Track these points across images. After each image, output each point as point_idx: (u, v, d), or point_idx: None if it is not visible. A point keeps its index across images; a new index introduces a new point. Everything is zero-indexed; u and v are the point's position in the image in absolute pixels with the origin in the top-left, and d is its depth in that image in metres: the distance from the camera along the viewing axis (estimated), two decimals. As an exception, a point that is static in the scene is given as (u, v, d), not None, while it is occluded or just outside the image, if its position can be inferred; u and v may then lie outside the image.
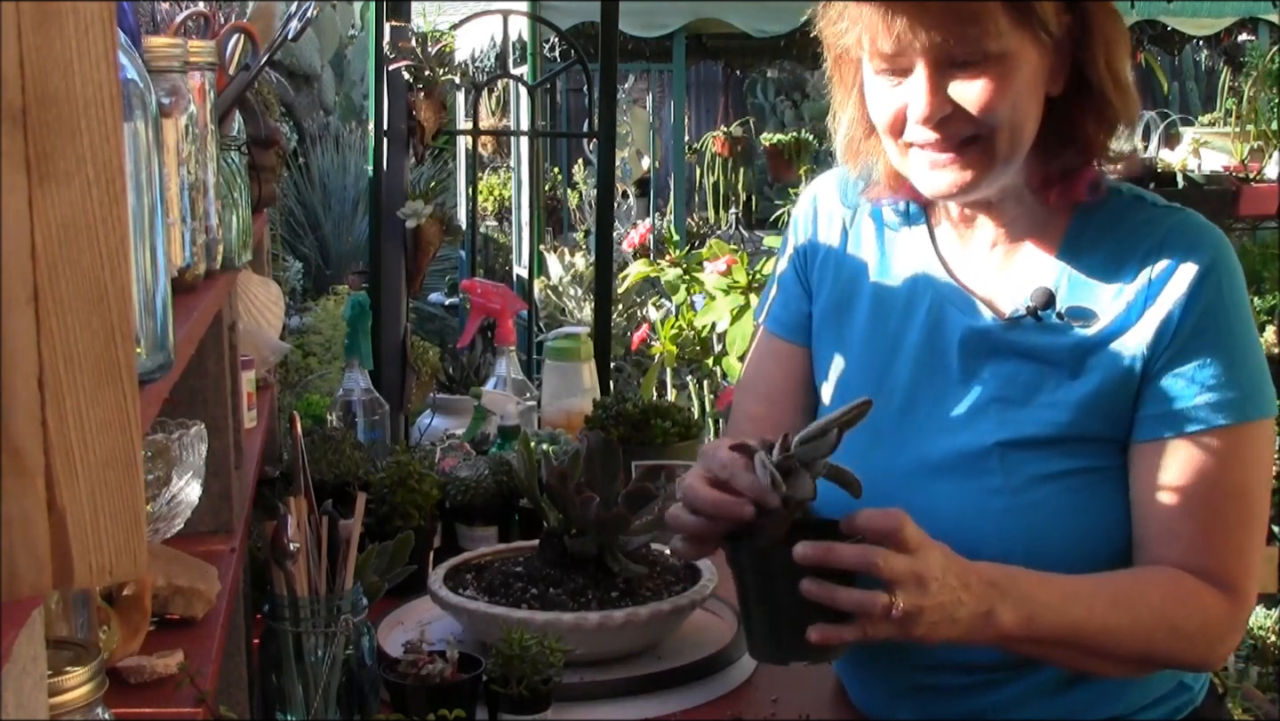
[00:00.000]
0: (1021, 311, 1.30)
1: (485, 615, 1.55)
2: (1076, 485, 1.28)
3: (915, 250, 1.41)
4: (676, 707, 1.50)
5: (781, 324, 1.50)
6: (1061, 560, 1.24)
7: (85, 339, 0.49)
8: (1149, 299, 1.26)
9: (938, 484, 1.31)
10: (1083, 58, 1.26)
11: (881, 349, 1.39)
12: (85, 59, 0.48)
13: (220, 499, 1.45)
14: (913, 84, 1.24)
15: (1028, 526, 1.27)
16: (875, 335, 1.40)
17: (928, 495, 1.30)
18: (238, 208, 1.37)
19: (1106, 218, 1.32)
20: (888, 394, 1.36)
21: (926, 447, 1.33)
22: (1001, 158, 1.25)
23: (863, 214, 1.46)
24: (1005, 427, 1.29)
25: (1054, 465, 1.28)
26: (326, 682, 1.30)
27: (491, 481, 1.98)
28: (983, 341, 1.32)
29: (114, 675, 1.07)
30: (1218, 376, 1.24)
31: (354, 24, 9.87)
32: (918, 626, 1.13)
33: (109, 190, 0.49)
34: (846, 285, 1.44)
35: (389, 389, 2.80)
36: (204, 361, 1.41)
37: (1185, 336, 1.24)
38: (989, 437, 1.29)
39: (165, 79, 1.03)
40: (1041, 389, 1.29)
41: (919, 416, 1.34)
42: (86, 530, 0.49)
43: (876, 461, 1.32)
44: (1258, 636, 3.65)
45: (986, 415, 1.31)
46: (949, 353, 1.34)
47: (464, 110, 6.52)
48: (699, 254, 4.19)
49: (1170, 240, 1.27)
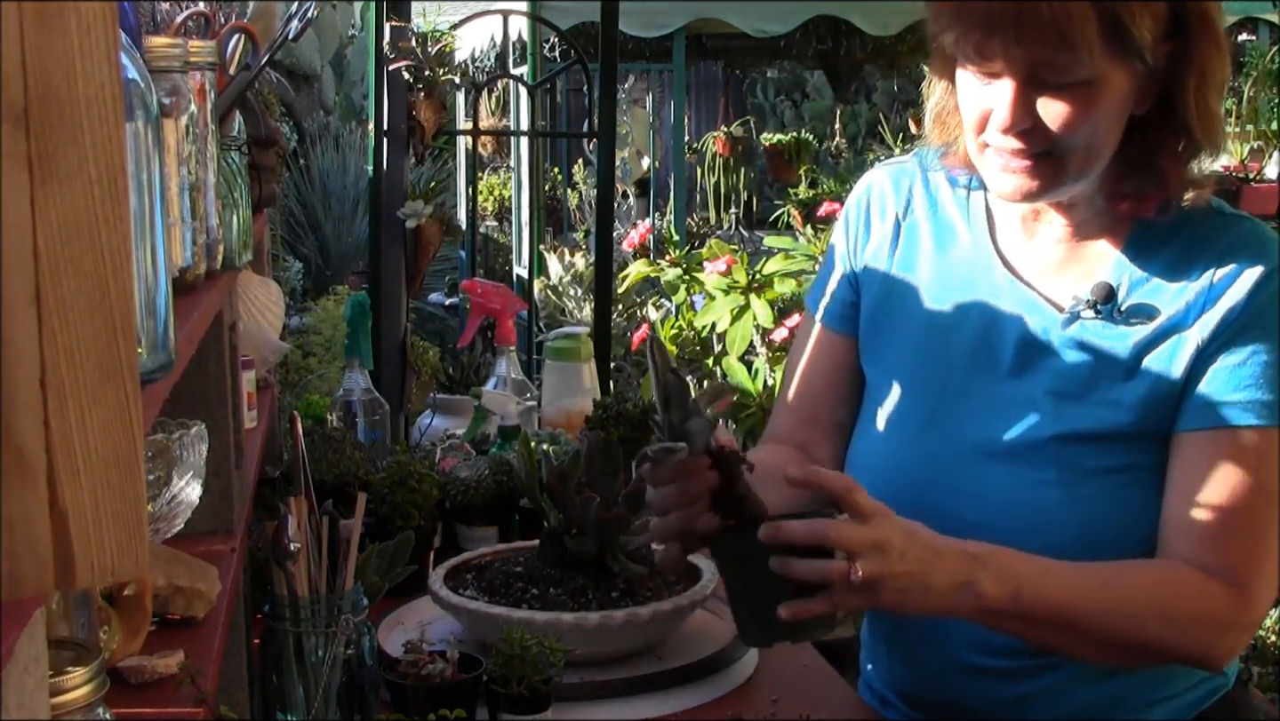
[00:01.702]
0: (1081, 306, 1.32)
1: (485, 615, 1.55)
2: (1130, 480, 1.29)
3: (972, 240, 1.42)
4: (676, 707, 1.50)
5: (830, 313, 1.52)
6: (1112, 554, 1.26)
7: (87, 339, 0.49)
8: (1209, 301, 1.27)
9: (991, 470, 1.33)
10: (1174, 85, 1.25)
11: (936, 340, 1.40)
12: (87, 59, 0.48)
13: (220, 499, 1.45)
14: (999, 91, 1.24)
15: (1081, 519, 1.28)
16: (930, 327, 1.41)
17: (980, 480, 1.32)
18: (238, 208, 1.37)
19: (1174, 221, 1.31)
20: (941, 380, 1.38)
21: (980, 434, 1.34)
22: (1073, 174, 1.26)
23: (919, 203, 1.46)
24: (1061, 421, 1.30)
25: (1109, 460, 1.29)
26: (327, 682, 1.30)
27: (491, 481, 1.98)
28: (1040, 336, 1.34)
29: (115, 675, 1.07)
30: (1259, 376, 1.25)
31: (354, 24, 9.86)
32: (884, 592, 1.15)
33: (111, 190, 0.49)
34: (900, 276, 1.45)
35: (389, 389, 2.80)
36: (204, 361, 1.41)
37: (1235, 332, 1.25)
38: (1045, 430, 1.31)
39: (166, 79, 1.03)
40: (1097, 385, 1.30)
41: (973, 403, 1.36)
42: (88, 530, 0.49)
43: (929, 444, 1.36)
44: (1258, 636, 3.65)
45: (1041, 408, 1.32)
46: (1004, 345, 1.35)
47: (464, 110, 6.52)
48: (699, 254, 4.18)
49: (1237, 246, 1.28)
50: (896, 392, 1.43)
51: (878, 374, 1.47)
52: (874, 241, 1.48)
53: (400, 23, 2.87)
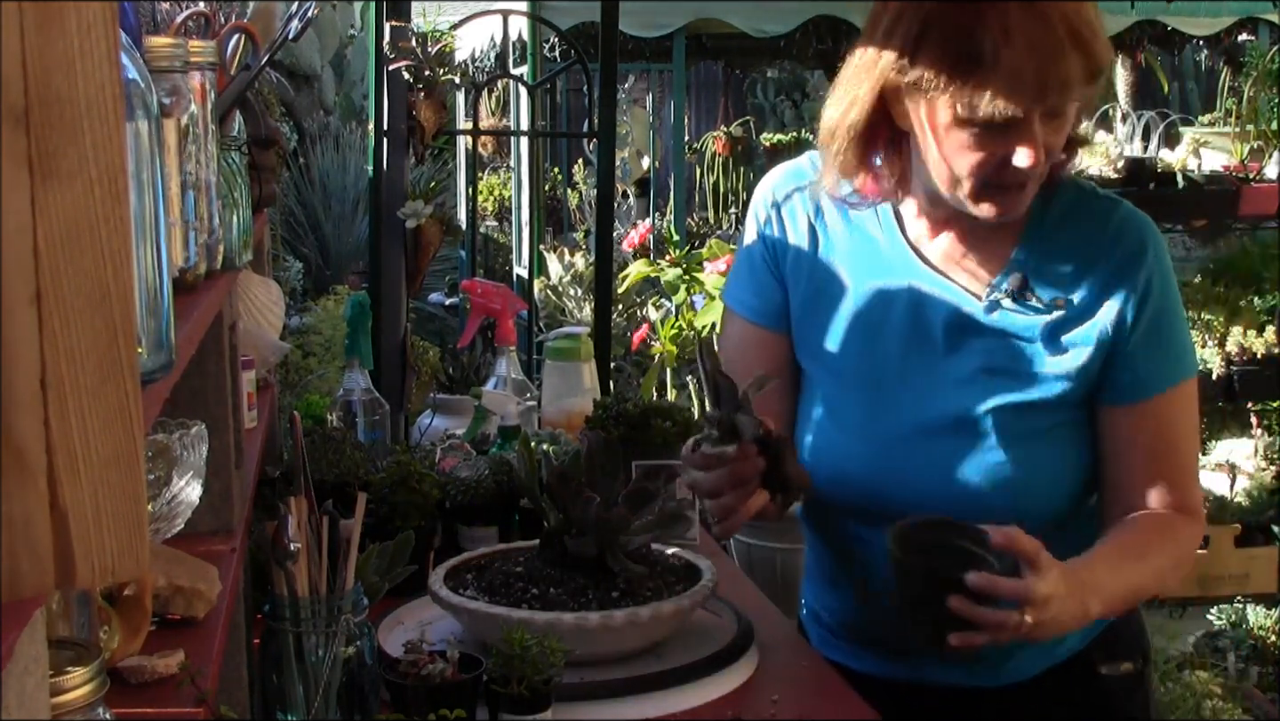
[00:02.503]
0: (999, 296, 1.47)
1: (485, 615, 1.55)
2: (1058, 437, 1.49)
3: (886, 238, 1.53)
4: (676, 707, 1.50)
5: (760, 313, 1.60)
6: (1044, 498, 1.49)
7: (88, 339, 0.49)
8: (1110, 285, 1.45)
9: (936, 444, 1.48)
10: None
11: (868, 329, 1.52)
12: (88, 59, 0.48)
13: (221, 499, 1.45)
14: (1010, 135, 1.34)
15: (1019, 475, 1.47)
16: (860, 318, 1.52)
17: (928, 454, 1.49)
18: (238, 208, 1.37)
19: (1062, 205, 1.49)
20: (878, 367, 1.51)
21: (922, 413, 1.49)
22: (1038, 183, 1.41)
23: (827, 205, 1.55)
24: (995, 395, 1.47)
25: (1040, 423, 1.47)
26: (327, 682, 1.30)
27: (491, 481, 1.98)
28: (965, 321, 1.48)
29: (115, 675, 1.07)
30: (1169, 347, 1.48)
31: (354, 24, 9.86)
32: (1035, 632, 1.31)
33: (111, 190, 0.49)
34: (823, 275, 1.55)
35: (389, 389, 2.79)
36: (204, 361, 1.41)
37: (1146, 319, 1.45)
38: (981, 404, 1.47)
39: (166, 79, 1.03)
40: (1024, 361, 1.47)
41: (913, 386, 1.49)
42: (89, 530, 0.49)
43: (876, 429, 1.51)
44: (1258, 636, 3.66)
45: (975, 384, 1.48)
46: (934, 330, 1.49)
47: (464, 110, 6.52)
48: (699, 254, 4.18)
49: (1124, 232, 1.47)
50: (836, 383, 1.55)
51: (816, 367, 1.57)
52: (791, 242, 1.57)
53: (400, 23, 2.87)
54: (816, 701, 1.52)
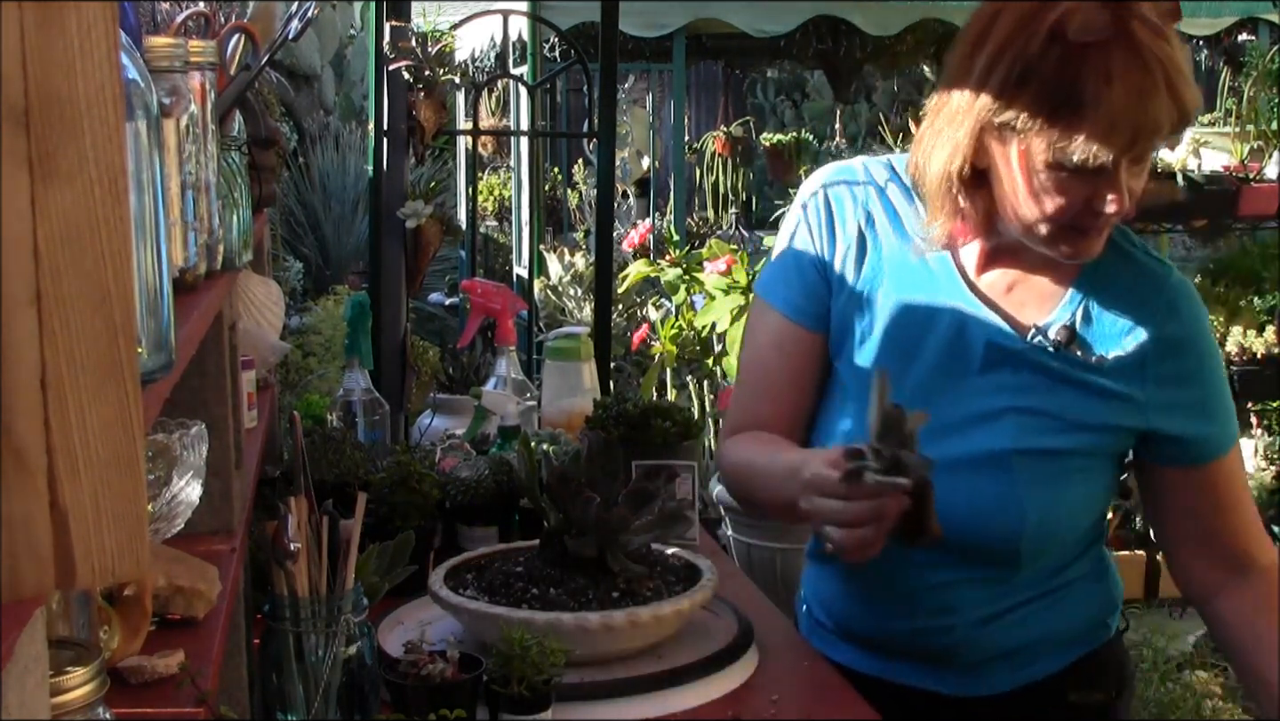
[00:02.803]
0: (1043, 340, 1.47)
1: (485, 615, 1.55)
2: (1080, 477, 1.49)
3: (935, 258, 1.51)
4: (676, 707, 1.50)
5: (803, 312, 1.57)
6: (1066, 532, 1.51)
7: (88, 339, 0.49)
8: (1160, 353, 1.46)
9: (956, 479, 1.42)
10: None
11: (906, 347, 1.50)
12: (88, 59, 0.48)
13: (220, 499, 1.45)
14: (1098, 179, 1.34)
15: (1039, 512, 1.46)
16: (899, 333, 1.51)
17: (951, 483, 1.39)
18: (238, 208, 1.37)
19: (1113, 257, 1.48)
20: (912, 386, 1.47)
21: (944, 445, 1.41)
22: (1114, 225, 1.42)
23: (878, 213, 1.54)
24: (1023, 437, 1.46)
25: (1064, 465, 1.47)
26: (327, 682, 1.30)
27: (492, 481, 1.98)
28: (1004, 354, 1.47)
29: (115, 675, 1.07)
30: (1219, 414, 1.51)
31: (354, 24, 9.86)
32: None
33: (111, 190, 0.49)
34: (868, 284, 1.53)
35: (389, 389, 2.79)
36: (204, 361, 1.41)
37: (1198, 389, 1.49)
38: (1007, 443, 1.46)
39: (166, 79, 1.03)
40: (1056, 406, 1.46)
41: (942, 414, 1.43)
42: (89, 530, 0.49)
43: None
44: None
45: (1003, 422, 1.46)
46: (971, 360, 1.48)
47: (464, 110, 6.52)
48: (699, 254, 4.18)
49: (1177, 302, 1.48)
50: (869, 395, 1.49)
51: (849, 372, 1.54)
52: (840, 248, 1.55)
53: (400, 23, 2.87)
54: (816, 701, 1.52)
